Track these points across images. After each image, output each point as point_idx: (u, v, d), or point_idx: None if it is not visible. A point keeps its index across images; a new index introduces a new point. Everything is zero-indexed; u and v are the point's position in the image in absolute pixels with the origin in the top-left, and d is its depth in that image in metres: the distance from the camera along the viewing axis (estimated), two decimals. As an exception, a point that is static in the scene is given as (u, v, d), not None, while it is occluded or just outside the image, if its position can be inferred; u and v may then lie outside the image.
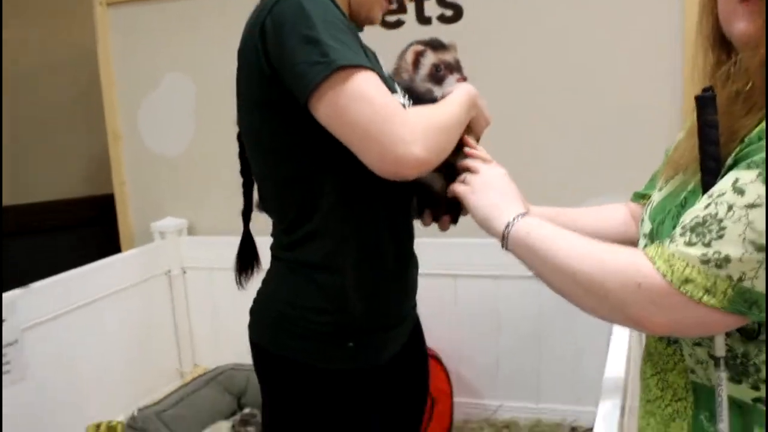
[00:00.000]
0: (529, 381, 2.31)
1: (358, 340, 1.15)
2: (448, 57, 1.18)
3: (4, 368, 1.87)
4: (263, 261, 1.29)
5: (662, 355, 0.95)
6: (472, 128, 1.16)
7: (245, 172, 1.26)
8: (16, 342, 1.91)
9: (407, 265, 1.23)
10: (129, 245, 2.77)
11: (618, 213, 1.19)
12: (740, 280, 0.74)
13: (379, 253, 1.16)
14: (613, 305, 0.83)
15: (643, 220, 0.98)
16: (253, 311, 1.22)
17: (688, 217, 0.79)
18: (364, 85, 0.99)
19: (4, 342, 1.86)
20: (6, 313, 1.87)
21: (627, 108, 2.09)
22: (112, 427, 1.90)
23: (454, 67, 1.17)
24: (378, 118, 0.97)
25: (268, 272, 1.22)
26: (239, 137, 1.22)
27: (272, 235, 1.21)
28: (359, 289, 1.14)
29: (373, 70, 1.02)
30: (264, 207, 1.22)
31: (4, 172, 3.45)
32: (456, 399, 2.29)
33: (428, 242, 1.39)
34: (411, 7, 2.23)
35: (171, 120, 2.67)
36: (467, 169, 1.10)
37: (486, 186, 1.06)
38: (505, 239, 0.97)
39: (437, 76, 1.16)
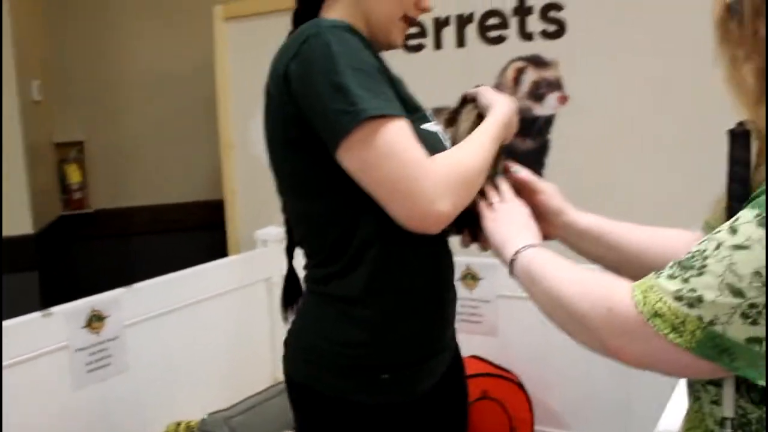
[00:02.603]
0: (620, 414, 2.14)
1: (393, 373, 1.11)
2: (549, 75, 1.15)
3: (105, 361, 1.99)
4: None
5: (691, 410, 0.86)
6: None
7: (286, 208, 1.25)
8: (118, 338, 2.01)
9: (446, 295, 1.18)
10: (236, 251, 2.87)
11: (677, 239, 1.07)
12: (711, 323, 0.67)
13: (417, 285, 1.12)
14: (588, 330, 0.81)
15: None
16: (287, 343, 1.21)
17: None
18: (392, 138, 0.97)
19: (106, 337, 1.97)
20: (110, 309, 1.98)
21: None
22: (191, 427, 1.96)
23: (555, 86, 1.14)
24: (405, 174, 0.96)
25: (302, 304, 1.21)
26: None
27: (304, 268, 1.20)
28: (396, 323, 1.10)
29: (402, 116, 0.99)
30: (297, 241, 1.21)
31: (125, 176, 3.70)
32: (538, 428, 2.18)
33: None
34: (513, 22, 2.17)
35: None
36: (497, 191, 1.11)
37: (508, 214, 1.07)
38: (512, 266, 0.98)
39: (537, 93, 1.12)
